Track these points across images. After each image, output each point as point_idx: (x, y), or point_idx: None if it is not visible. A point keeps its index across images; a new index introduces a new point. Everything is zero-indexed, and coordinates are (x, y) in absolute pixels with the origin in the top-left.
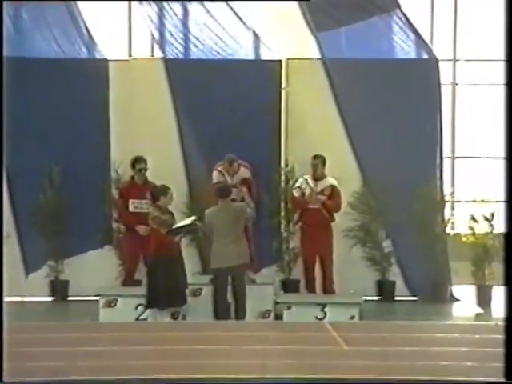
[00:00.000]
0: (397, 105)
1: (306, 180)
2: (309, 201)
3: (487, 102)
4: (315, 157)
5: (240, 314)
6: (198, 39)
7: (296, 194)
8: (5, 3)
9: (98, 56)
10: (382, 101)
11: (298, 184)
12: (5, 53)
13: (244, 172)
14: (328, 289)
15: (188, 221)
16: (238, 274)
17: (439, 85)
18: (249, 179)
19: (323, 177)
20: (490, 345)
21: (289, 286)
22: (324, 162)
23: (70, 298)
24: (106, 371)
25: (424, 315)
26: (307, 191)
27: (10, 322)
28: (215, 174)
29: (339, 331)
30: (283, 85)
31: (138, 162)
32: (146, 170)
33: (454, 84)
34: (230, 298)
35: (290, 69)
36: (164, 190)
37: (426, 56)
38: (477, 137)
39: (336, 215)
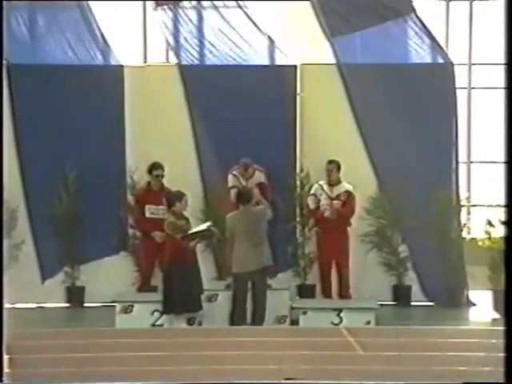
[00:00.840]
0: (412, 109)
1: (321, 186)
2: (324, 211)
3: (503, 107)
4: (330, 162)
5: (259, 319)
6: (212, 45)
7: (311, 204)
8: (14, 5)
9: (113, 62)
10: (398, 106)
11: (312, 191)
12: (20, 60)
13: (259, 176)
14: (344, 294)
15: (203, 226)
16: (259, 278)
17: (455, 89)
18: (264, 183)
19: (338, 182)
20: None
21: (305, 291)
22: (339, 168)
23: (86, 305)
24: (122, 377)
25: (440, 320)
26: (322, 197)
27: (25, 328)
28: (230, 177)
29: (355, 336)
30: (298, 90)
31: (154, 168)
32: (162, 176)
33: (470, 88)
34: (248, 303)
35: (304, 74)
36: (179, 196)
37: (441, 60)
38: (492, 141)
39: (352, 220)
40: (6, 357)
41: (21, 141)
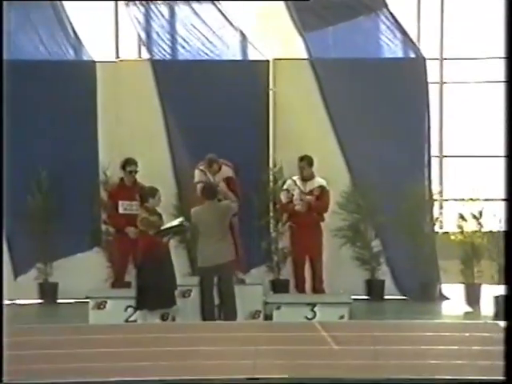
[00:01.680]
0: (384, 104)
1: (294, 181)
2: (297, 205)
3: (475, 101)
4: (301, 159)
5: (229, 314)
6: (185, 40)
7: (283, 198)
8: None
9: (85, 58)
10: (370, 100)
11: (285, 186)
12: None
13: (226, 171)
14: (317, 288)
15: (176, 222)
16: (225, 273)
17: (427, 84)
18: (231, 178)
19: (312, 177)
20: (479, 343)
21: (278, 286)
22: (311, 163)
23: (59, 301)
24: (96, 373)
25: (413, 314)
26: (296, 192)
27: None
28: (197, 172)
29: (329, 331)
30: (271, 85)
31: (128, 164)
32: (136, 171)
33: (442, 83)
34: (217, 299)
35: (277, 69)
36: (152, 192)
37: (413, 55)
38: (464, 135)
39: (325, 215)
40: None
41: None
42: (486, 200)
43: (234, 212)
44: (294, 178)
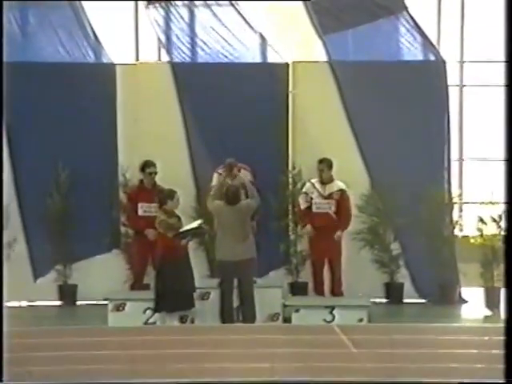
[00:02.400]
0: (404, 107)
1: (313, 184)
2: (316, 211)
3: (495, 104)
4: (321, 161)
5: (248, 316)
6: (204, 43)
7: (302, 202)
8: (8, 5)
9: (105, 60)
10: (390, 103)
11: (304, 189)
12: (11, 58)
13: (244, 175)
14: (336, 291)
15: (194, 224)
16: (245, 273)
17: (446, 87)
18: (249, 182)
19: (331, 180)
20: (498, 347)
21: (297, 289)
22: (330, 166)
23: (78, 303)
24: (114, 375)
25: (432, 317)
26: (314, 195)
27: (18, 326)
28: (215, 176)
29: (347, 334)
30: (290, 88)
31: (147, 166)
32: (155, 173)
33: (462, 86)
34: (236, 301)
35: (296, 72)
36: (170, 194)
37: (433, 58)
38: (484, 139)
39: (341, 219)
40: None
41: (12, 139)
42: (506, 203)
43: (254, 209)
44: (313, 180)
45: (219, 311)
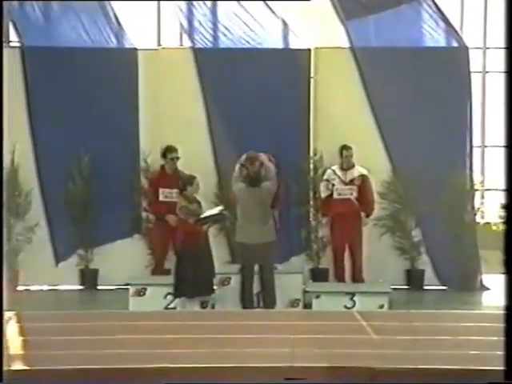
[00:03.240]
0: (426, 93)
1: (334, 171)
2: (337, 197)
3: None
4: (347, 148)
5: (268, 302)
6: (226, 28)
7: (323, 190)
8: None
9: (127, 45)
10: (412, 89)
11: (325, 176)
12: (34, 43)
13: (267, 167)
14: (357, 278)
15: (215, 210)
16: (266, 257)
17: (469, 73)
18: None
19: (352, 166)
20: None
21: (318, 275)
22: (351, 152)
23: (99, 287)
24: (135, 359)
25: (453, 304)
26: (336, 181)
27: (39, 310)
28: (238, 167)
29: (368, 320)
30: (312, 73)
31: (169, 151)
32: (177, 159)
33: (485, 72)
34: (257, 287)
35: (318, 57)
36: (190, 180)
37: (455, 44)
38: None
39: (365, 204)
40: (19, 339)
41: (35, 123)
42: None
43: (274, 195)
44: (334, 167)
45: (240, 296)
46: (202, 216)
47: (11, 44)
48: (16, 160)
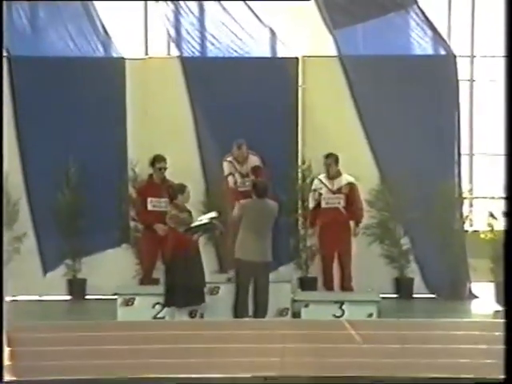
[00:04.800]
0: (414, 101)
1: (321, 180)
2: (325, 206)
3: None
4: (327, 156)
5: (261, 312)
6: (214, 37)
7: (311, 202)
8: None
9: (114, 54)
10: (399, 97)
11: (313, 187)
12: (21, 52)
13: (254, 160)
14: (346, 286)
15: (205, 219)
16: (262, 272)
17: (457, 81)
18: (259, 167)
19: (338, 175)
20: None
21: (306, 284)
22: (337, 160)
23: (87, 297)
24: (124, 369)
25: (442, 313)
26: (323, 190)
27: (26, 320)
28: (225, 164)
29: (357, 329)
30: (300, 82)
31: (157, 161)
32: (165, 168)
33: (472, 80)
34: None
35: (306, 66)
36: (181, 189)
37: (443, 52)
38: (495, 133)
39: (354, 212)
40: (6, 349)
41: (22, 133)
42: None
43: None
44: (321, 176)
45: (233, 305)
46: (193, 225)
47: None
48: (4, 169)
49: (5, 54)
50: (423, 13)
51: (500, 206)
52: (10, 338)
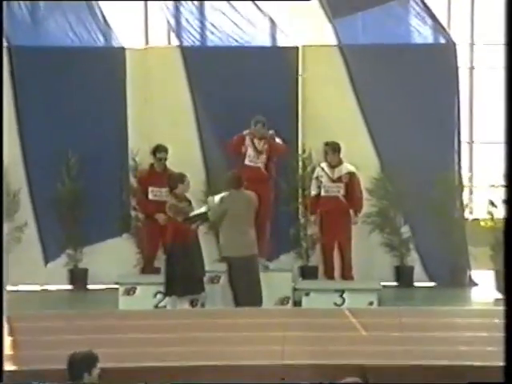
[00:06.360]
0: (414, 90)
1: (322, 168)
2: (325, 195)
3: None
4: (326, 144)
5: (255, 301)
6: (214, 26)
7: (312, 189)
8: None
9: (114, 44)
10: (400, 86)
11: (315, 174)
12: (21, 42)
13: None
14: (346, 275)
15: (204, 208)
16: (250, 264)
17: (457, 69)
18: (278, 143)
19: (339, 163)
20: None
21: (307, 273)
22: (335, 149)
23: (89, 287)
24: (125, 358)
25: (443, 300)
26: (324, 179)
27: (29, 310)
28: (248, 139)
29: (358, 317)
30: (300, 71)
31: (158, 151)
32: (166, 158)
33: (472, 68)
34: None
35: (306, 55)
36: (181, 178)
37: (443, 40)
38: (495, 121)
39: (353, 201)
40: (7, 338)
41: (22, 123)
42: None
43: (256, 205)
44: (323, 164)
45: (233, 297)
46: (192, 214)
47: None
48: (4, 159)
49: (5, 43)
50: (423, 1)
51: (500, 194)
52: (11, 327)
